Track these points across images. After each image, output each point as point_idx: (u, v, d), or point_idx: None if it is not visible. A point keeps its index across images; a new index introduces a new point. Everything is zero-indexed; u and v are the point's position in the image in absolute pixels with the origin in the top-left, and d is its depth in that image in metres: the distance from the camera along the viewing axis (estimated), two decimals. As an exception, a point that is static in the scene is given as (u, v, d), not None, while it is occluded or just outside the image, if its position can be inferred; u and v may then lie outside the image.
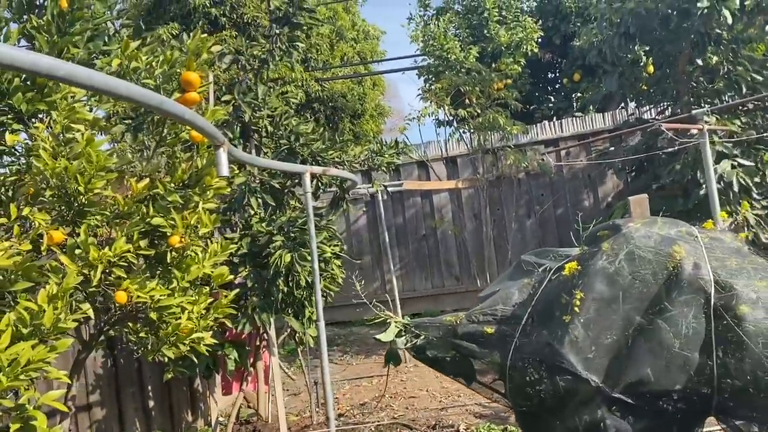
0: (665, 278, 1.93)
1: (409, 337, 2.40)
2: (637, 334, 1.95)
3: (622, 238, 2.00)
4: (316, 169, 3.83)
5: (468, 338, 2.16)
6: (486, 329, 2.12)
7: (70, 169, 2.32)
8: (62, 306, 2.16)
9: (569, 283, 2.02)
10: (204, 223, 2.53)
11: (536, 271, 2.19)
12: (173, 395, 5.79)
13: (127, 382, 5.13)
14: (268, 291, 4.45)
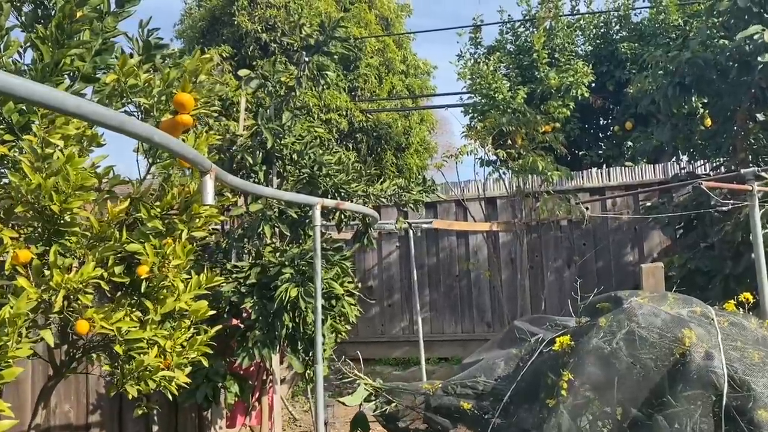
0: (670, 366, 1.64)
1: (380, 403, 2.15)
2: (633, 430, 1.65)
3: (623, 314, 1.72)
4: (328, 203, 3.66)
5: (442, 412, 1.91)
6: (463, 403, 1.86)
7: (44, 186, 2.20)
8: (12, 332, 2.01)
9: (559, 361, 1.75)
10: (177, 254, 2.36)
11: (528, 340, 1.93)
12: (180, 421, 5.62)
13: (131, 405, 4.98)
14: (272, 325, 4.26)
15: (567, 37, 9.64)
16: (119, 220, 2.39)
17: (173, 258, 2.35)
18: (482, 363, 1.97)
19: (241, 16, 10.17)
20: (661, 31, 9.64)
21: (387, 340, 9.52)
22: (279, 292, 4.10)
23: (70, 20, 2.49)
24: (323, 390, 3.64)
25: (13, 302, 2.11)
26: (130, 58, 2.57)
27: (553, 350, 1.77)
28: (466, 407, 1.84)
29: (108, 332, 2.26)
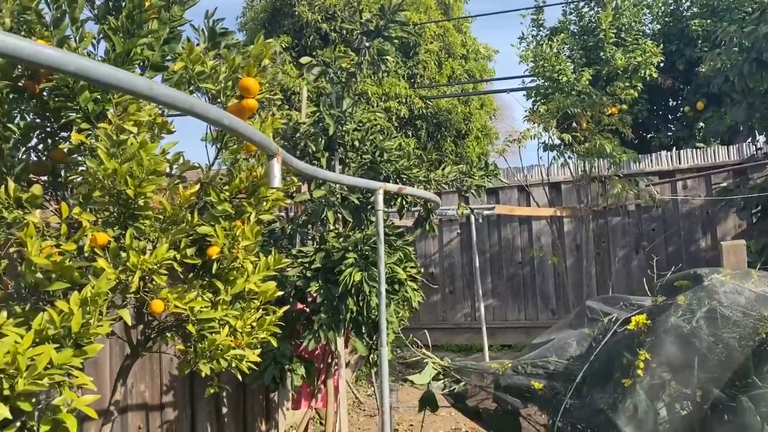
0: (756, 346, 1.56)
1: (448, 382, 2.14)
2: (715, 412, 1.58)
3: (703, 291, 1.64)
4: (390, 187, 3.66)
5: (512, 391, 1.88)
6: (534, 383, 1.83)
7: (120, 172, 2.28)
8: (94, 310, 2.10)
9: (634, 340, 1.69)
10: (246, 236, 2.41)
11: (601, 320, 1.87)
12: (248, 402, 5.78)
13: (202, 386, 5.13)
14: (336, 308, 4.31)
15: (634, 16, 9.29)
16: (190, 204, 2.46)
17: (242, 239, 2.40)
18: (553, 343, 1.93)
19: (301, 7, 10.27)
20: (735, 5, 9.15)
21: (449, 327, 9.49)
22: (343, 277, 4.14)
23: (140, 10, 2.57)
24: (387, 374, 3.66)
25: (94, 282, 2.21)
26: (196, 46, 2.63)
27: (629, 329, 1.71)
28: (537, 387, 1.81)
29: (181, 312, 2.33)
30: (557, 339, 1.94)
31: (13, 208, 2.52)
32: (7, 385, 1.87)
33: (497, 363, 2.05)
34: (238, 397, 5.67)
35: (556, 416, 1.71)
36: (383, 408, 3.56)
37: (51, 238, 2.33)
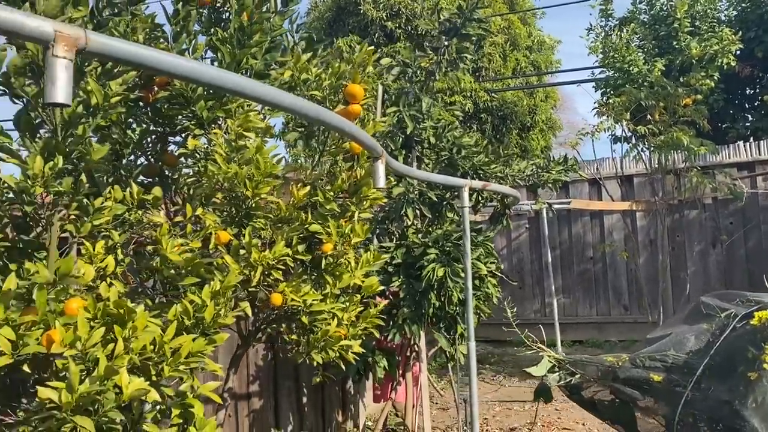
0: None
1: (563, 374, 2.21)
2: None
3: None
4: (475, 184, 3.74)
5: (631, 383, 1.94)
6: (653, 376, 1.88)
7: (240, 174, 2.45)
8: (223, 302, 2.27)
9: (758, 335, 1.72)
10: (357, 233, 2.55)
11: (718, 316, 1.90)
12: (325, 394, 5.98)
13: (284, 377, 5.35)
14: (419, 303, 4.42)
15: (709, 3, 9.02)
16: (302, 204, 2.61)
17: (354, 236, 2.54)
18: (671, 338, 1.97)
19: (366, 5, 10.42)
20: (820, -13, 8.77)
21: (518, 323, 9.45)
22: (426, 272, 4.25)
23: (251, 22, 2.73)
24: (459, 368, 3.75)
25: (220, 276, 2.38)
26: (302, 55, 2.77)
27: (751, 325, 1.74)
28: (656, 379, 1.86)
29: (295, 305, 2.49)
30: (674, 334, 1.98)
31: (135, 209, 2.73)
32: (154, 371, 2.05)
33: (613, 356, 2.11)
34: (317, 389, 5.87)
35: (676, 407, 1.76)
36: (472, 399, 3.65)
37: (176, 237, 2.52)
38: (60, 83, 1.24)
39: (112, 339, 1.94)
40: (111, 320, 1.95)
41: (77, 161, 2.27)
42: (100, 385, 1.76)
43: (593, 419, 6.26)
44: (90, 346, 1.86)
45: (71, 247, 2.47)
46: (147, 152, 3.19)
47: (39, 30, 1.23)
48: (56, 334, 1.87)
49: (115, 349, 1.88)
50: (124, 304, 1.95)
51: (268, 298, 2.49)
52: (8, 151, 2.35)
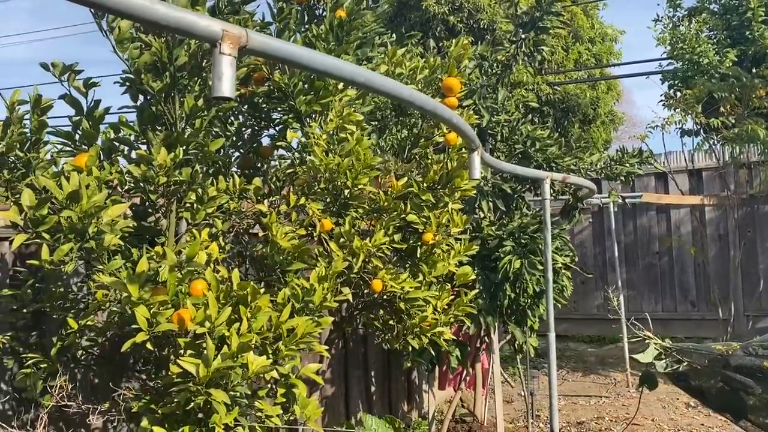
0: None
1: (670, 362, 2.24)
2: None
3: None
4: (556, 176, 3.76)
5: (743, 371, 1.95)
6: (766, 364, 1.90)
7: (342, 166, 2.56)
8: (329, 287, 2.39)
9: None
10: (455, 223, 2.62)
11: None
12: (392, 384, 6.09)
13: (355, 365, 5.48)
14: (494, 295, 4.47)
15: (786, -10, 8.69)
16: (400, 194, 2.71)
17: (453, 226, 2.62)
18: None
19: (427, 0, 10.44)
20: None
21: (580, 317, 9.40)
22: (502, 264, 4.29)
23: (349, 18, 2.83)
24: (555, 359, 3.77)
25: (323, 263, 2.50)
26: (398, 49, 2.86)
27: None
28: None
29: (394, 291, 2.58)
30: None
31: (237, 199, 2.88)
32: (271, 350, 2.18)
33: (722, 345, 2.13)
34: (384, 379, 5.99)
35: (792, 396, 1.78)
36: (552, 392, 3.68)
37: (283, 225, 2.65)
38: (225, 78, 1.34)
39: (236, 319, 2.08)
40: (235, 301, 2.09)
41: (195, 152, 2.41)
42: (232, 360, 1.89)
43: (662, 416, 6.20)
44: (218, 324, 1.99)
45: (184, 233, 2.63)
46: (243, 146, 3.34)
47: (209, 29, 1.33)
48: (186, 313, 2.01)
49: (240, 327, 2.01)
50: (247, 285, 2.08)
51: (368, 284, 2.59)
52: (129, 143, 2.52)
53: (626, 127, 22.17)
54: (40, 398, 2.39)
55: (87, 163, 2.16)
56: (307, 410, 2.48)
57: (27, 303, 2.39)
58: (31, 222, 1.99)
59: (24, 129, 2.07)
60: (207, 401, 1.97)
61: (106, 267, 2.05)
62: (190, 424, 2.06)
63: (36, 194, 2.04)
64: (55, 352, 2.35)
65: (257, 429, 2.42)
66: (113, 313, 2.25)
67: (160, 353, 2.36)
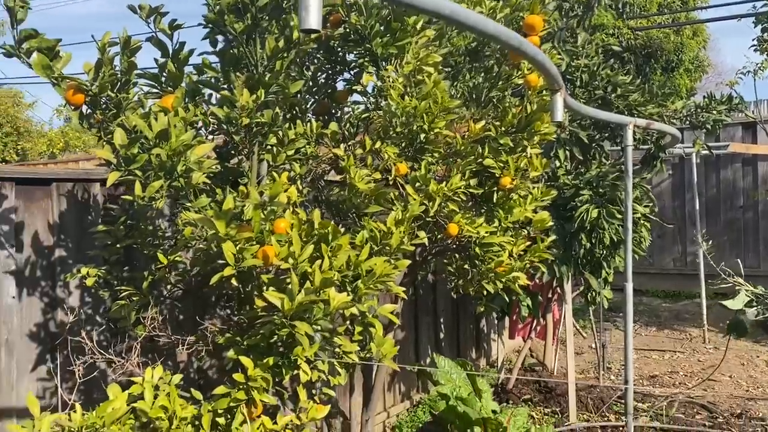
0: None
1: (762, 309, 2.15)
2: None
3: None
4: (640, 122, 3.61)
5: (839, 321, 1.86)
6: None
7: (419, 109, 2.53)
8: (405, 230, 2.40)
9: None
10: (534, 166, 2.57)
11: None
12: (460, 332, 6.15)
13: (424, 312, 5.54)
14: (569, 244, 4.39)
15: None
16: (477, 138, 2.67)
17: (531, 170, 2.57)
18: None
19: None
20: None
21: (655, 272, 9.13)
22: (579, 213, 4.20)
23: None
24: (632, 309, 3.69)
25: (399, 206, 2.51)
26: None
27: None
28: None
29: (470, 235, 2.58)
30: None
31: (314, 143, 2.91)
32: (350, 288, 2.23)
33: (820, 293, 2.03)
34: (453, 326, 6.05)
35: None
36: (627, 340, 3.62)
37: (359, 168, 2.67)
38: (313, 9, 1.33)
39: (317, 257, 2.13)
40: (317, 239, 2.13)
41: (275, 95, 2.44)
42: (315, 295, 1.95)
43: (739, 372, 6.00)
44: (301, 261, 2.05)
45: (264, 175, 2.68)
46: (317, 91, 3.34)
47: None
48: (271, 250, 2.08)
49: (322, 264, 2.06)
50: (328, 224, 2.12)
51: (443, 228, 2.59)
52: (212, 86, 2.58)
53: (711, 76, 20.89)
54: (133, 329, 2.54)
55: (173, 105, 2.22)
56: (384, 348, 2.54)
57: (120, 239, 2.52)
58: (123, 160, 2.08)
59: (114, 70, 2.14)
60: (290, 335, 2.04)
61: (194, 204, 2.13)
62: (273, 356, 2.15)
63: (127, 134, 2.12)
64: (146, 285, 2.48)
65: (335, 364, 2.51)
66: (199, 251, 2.35)
67: (243, 289, 2.45)
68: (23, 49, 2.09)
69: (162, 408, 1.95)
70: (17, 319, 2.73)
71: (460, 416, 3.07)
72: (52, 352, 2.84)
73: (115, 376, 2.50)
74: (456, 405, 3.03)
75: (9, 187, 2.71)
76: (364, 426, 3.24)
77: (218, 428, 2.09)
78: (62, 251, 2.84)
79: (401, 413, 5.15)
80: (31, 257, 2.77)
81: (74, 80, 2.10)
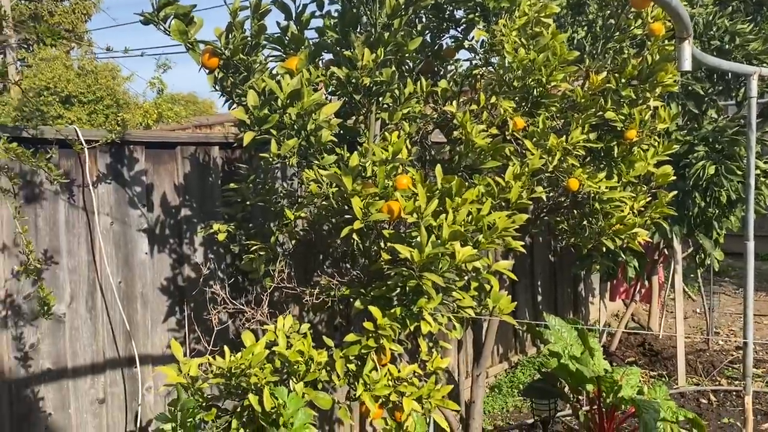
0: None
1: None
2: None
3: None
4: (765, 71, 3.38)
5: None
6: None
7: (537, 61, 2.49)
8: (524, 185, 2.39)
9: None
10: (661, 118, 2.48)
11: None
12: (558, 294, 6.08)
13: (521, 274, 5.50)
14: (681, 203, 4.21)
15: None
16: (598, 90, 2.60)
17: (659, 122, 2.48)
18: None
19: None
20: None
21: (764, 234, 8.60)
22: (694, 170, 4.02)
23: None
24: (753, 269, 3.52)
25: (516, 161, 2.49)
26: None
27: None
28: None
29: (592, 190, 2.53)
30: None
31: (423, 102, 2.92)
32: (472, 242, 2.25)
33: None
34: (550, 289, 5.98)
35: None
36: (747, 301, 3.47)
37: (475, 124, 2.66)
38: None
39: (441, 211, 2.16)
40: (440, 194, 2.17)
41: (393, 54, 2.47)
42: (443, 248, 1.99)
43: None
44: (427, 214, 2.09)
45: (379, 134, 2.73)
46: (423, 49, 3.33)
47: None
48: (396, 204, 2.13)
49: (446, 218, 2.09)
50: (452, 179, 2.14)
51: (563, 183, 2.56)
52: (331, 47, 2.63)
53: (830, 23, 19.10)
54: (262, 281, 2.69)
55: (297, 66, 2.29)
56: (501, 303, 2.57)
57: (248, 197, 2.65)
58: (256, 121, 2.17)
59: (245, 34, 2.23)
60: (417, 286, 2.10)
61: (322, 162, 2.21)
62: (398, 307, 2.22)
63: (258, 96, 2.21)
64: (274, 240, 2.61)
65: (452, 318, 2.56)
66: (322, 208, 2.43)
67: (363, 244, 2.53)
68: (161, 16, 2.21)
69: (299, 353, 2.06)
70: (150, 273, 2.94)
71: (572, 374, 3.06)
72: (180, 306, 3.05)
73: (247, 325, 2.66)
74: (568, 363, 3.03)
75: (140, 150, 2.90)
76: (475, 381, 3.29)
77: (349, 374, 2.19)
78: (187, 211, 3.02)
79: (499, 374, 5.19)
80: (161, 216, 2.96)
81: (209, 44, 2.21)
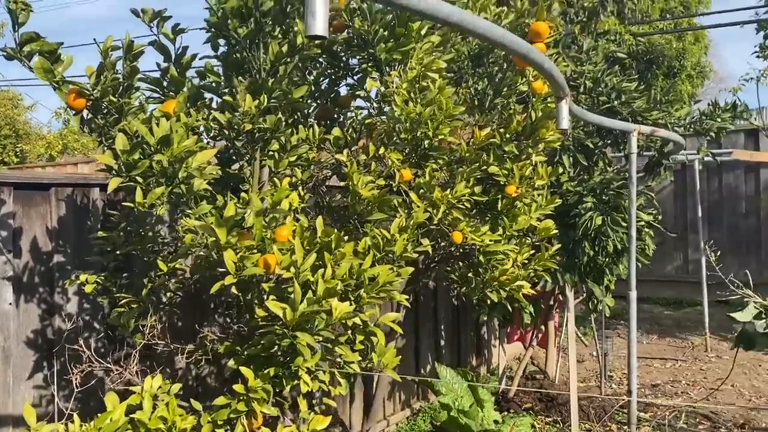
0: None
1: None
2: None
3: None
4: (644, 129, 3.58)
5: None
6: None
7: (424, 115, 2.50)
8: (409, 237, 2.37)
9: None
10: (539, 175, 2.54)
11: None
12: (461, 338, 6.11)
13: (425, 319, 5.51)
14: (572, 252, 4.35)
15: None
16: (482, 145, 2.63)
17: (537, 179, 2.53)
18: None
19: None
20: None
21: (655, 279, 9.08)
22: (583, 221, 4.16)
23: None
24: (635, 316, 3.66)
25: (403, 213, 2.48)
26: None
27: None
28: None
29: (474, 243, 2.54)
30: None
31: (316, 149, 2.88)
32: (353, 297, 2.19)
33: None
34: (453, 333, 6.01)
35: None
36: (631, 349, 3.59)
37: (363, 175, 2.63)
38: (319, 16, 1.30)
39: (320, 265, 2.09)
40: (319, 247, 2.10)
41: (278, 100, 2.41)
42: (318, 305, 1.91)
43: (742, 381, 5.96)
44: (304, 270, 2.01)
45: (266, 181, 2.65)
46: (320, 96, 3.31)
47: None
48: (273, 258, 2.04)
49: (325, 273, 2.02)
50: (332, 232, 2.08)
51: (447, 236, 2.56)
52: (214, 90, 2.55)
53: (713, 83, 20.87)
54: (131, 337, 2.51)
55: (175, 110, 2.19)
56: (385, 358, 2.51)
57: (119, 245, 2.49)
58: (125, 166, 2.04)
59: (116, 75, 2.11)
60: (291, 345, 2.01)
61: (195, 211, 2.10)
62: (274, 366, 2.11)
63: (128, 139, 2.09)
64: (146, 293, 2.45)
65: (336, 374, 2.47)
66: (200, 258, 2.31)
67: (244, 297, 2.42)
68: (24, 52, 2.06)
69: (161, 419, 1.91)
70: (14, 325, 2.69)
71: (462, 427, 3.03)
72: (49, 360, 2.80)
73: (113, 385, 2.46)
74: (458, 416, 2.99)
75: (7, 191, 2.67)
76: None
77: (217, 440, 2.05)
78: (61, 257, 2.80)
79: (401, 422, 5.10)
80: (29, 263, 2.73)
81: (76, 84, 2.08)
